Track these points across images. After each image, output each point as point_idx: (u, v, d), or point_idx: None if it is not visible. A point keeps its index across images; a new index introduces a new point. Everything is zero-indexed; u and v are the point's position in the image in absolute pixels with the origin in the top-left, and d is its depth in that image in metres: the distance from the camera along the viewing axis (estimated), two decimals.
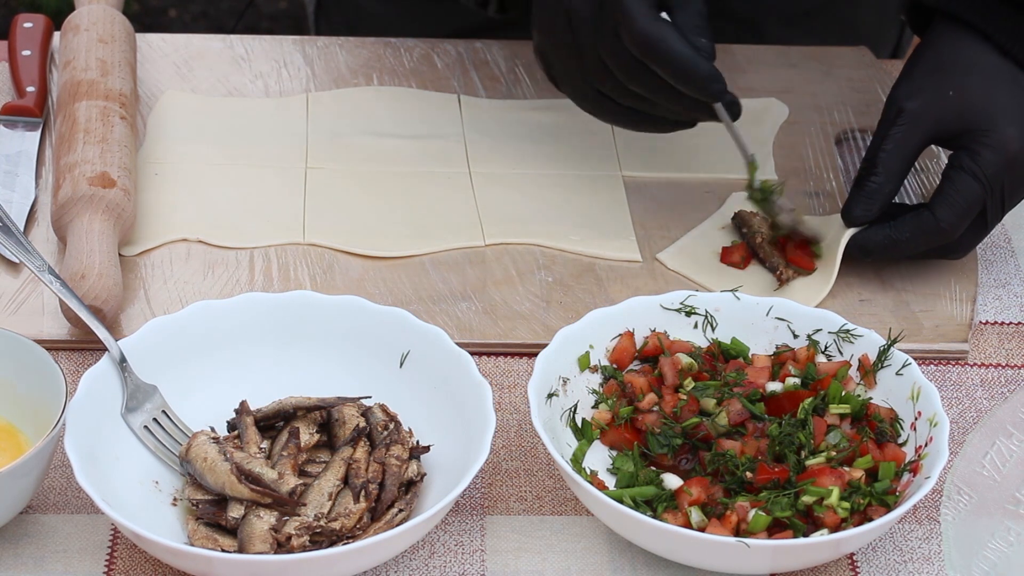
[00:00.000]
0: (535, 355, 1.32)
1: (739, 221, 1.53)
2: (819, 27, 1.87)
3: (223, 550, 1.21)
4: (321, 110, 1.67)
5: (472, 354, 1.31)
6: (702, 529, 1.23)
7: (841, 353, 1.36)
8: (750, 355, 1.36)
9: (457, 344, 1.32)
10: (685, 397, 1.31)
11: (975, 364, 1.44)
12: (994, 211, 1.44)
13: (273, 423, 1.30)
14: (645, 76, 1.41)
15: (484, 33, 1.74)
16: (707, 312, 1.38)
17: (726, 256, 1.50)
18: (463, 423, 1.28)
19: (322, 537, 1.22)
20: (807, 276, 1.48)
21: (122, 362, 1.29)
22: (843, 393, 1.32)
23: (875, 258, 1.47)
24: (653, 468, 1.29)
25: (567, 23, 1.44)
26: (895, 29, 1.95)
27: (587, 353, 1.35)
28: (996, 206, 1.44)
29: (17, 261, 1.45)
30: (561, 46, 1.46)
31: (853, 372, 1.34)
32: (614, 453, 1.32)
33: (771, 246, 1.50)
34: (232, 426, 1.31)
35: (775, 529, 1.23)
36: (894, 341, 1.34)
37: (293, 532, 1.21)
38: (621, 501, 1.24)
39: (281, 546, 1.21)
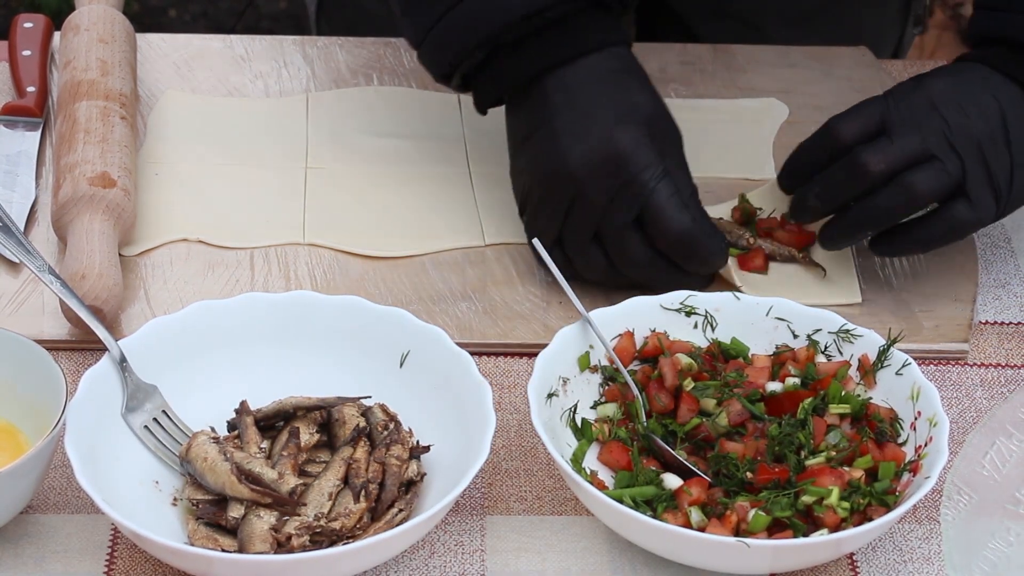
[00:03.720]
0: (535, 355, 1.32)
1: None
2: (820, 28, 1.87)
3: (223, 550, 1.21)
4: (321, 110, 1.67)
5: (472, 354, 1.31)
6: (702, 529, 1.23)
7: (841, 353, 1.36)
8: (750, 355, 1.36)
9: (457, 344, 1.32)
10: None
11: (975, 364, 1.44)
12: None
13: (273, 423, 1.30)
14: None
15: None
16: (707, 312, 1.38)
17: (745, 263, 1.50)
18: (463, 423, 1.28)
19: (322, 537, 1.22)
20: (824, 274, 1.48)
21: (122, 362, 1.29)
22: (843, 393, 1.32)
23: (787, 179, 1.47)
24: (653, 468, 1.29)
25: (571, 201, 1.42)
26: (896, 30, 1.95)
27: (587, 353, 1.35)
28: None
29: (17, 261, 1.45)
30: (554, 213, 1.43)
31: (853, 372, 1.34)
32: None
33: (769, 242, 1.50)
34: (232, 426, 1.31)
35: (775, 529, 1.23)
36: (894, 341, 1.34)
37: (293, 532, 1.21)
38: (621, 501, 1.24)
39: (281, 546, 1.21)
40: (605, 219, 1.40)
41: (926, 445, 1.27)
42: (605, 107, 1.41)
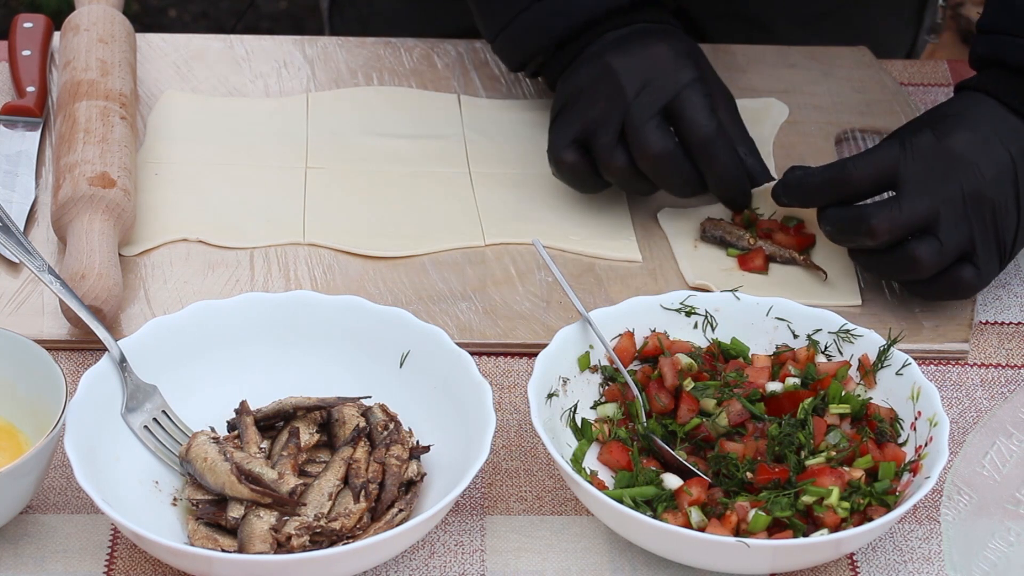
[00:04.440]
0: (535, 355, 1.32)
1: (718, 235, 1.52)
2: (831, 31, 1.86)
3: (223, 550, 1.21)
4: (321, 110, 1.67)
5: (472, 354, 1.31)
6: (702, 529, 1.23)
7: (841, 353, 1.36)
8: (750, 355, 1.36)
9: (457, 344, 1.32)
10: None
11: (975, 364, 1.44)
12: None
13: (273, 423, 1.30)
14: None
15: None
16: (707, 312, 1.38)
17: (746, 264, 1.50)
18: (463, 423, 1.28)
19: (322, 537, 1.22)
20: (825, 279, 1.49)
21: (122, 362, 1.29)
22: (843, 393, 1.32)
23: (788, 200, 1.46)
24: (653, 468, 1.29)
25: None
26: (909, 35, 1.94)
27: (587, 353, 1.35)
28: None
29: (17, 261, 1.45)
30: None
31: (853, 372, 1.34)
32: None
33: (769, 243, 1.50)
34: (232, 426, 1.31)
35: (775, 529, 1.23)
36: (894, 341, 1.34)
37: (293, 532, 1.21)
38: (621, 501, 1.24)
39: (281, 546, 1.21)
40: (631, 110, 1.46)
41: (926, 445, 1.27)
42: (649, 36, 1.50)
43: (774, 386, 1.32)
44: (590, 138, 1.49)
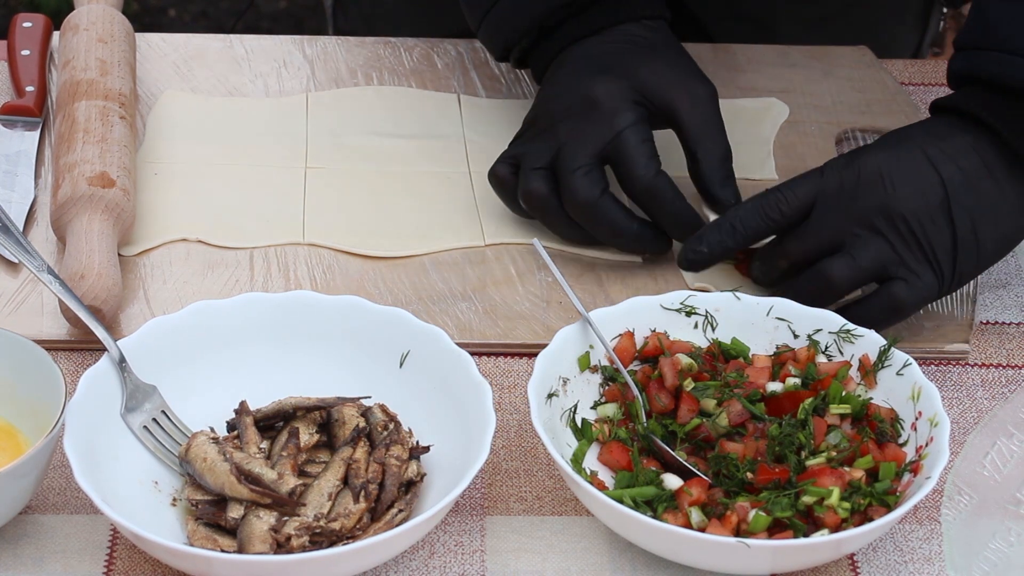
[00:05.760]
0: (535, 355, 1.32)
1: None
2: (835, 32, 1.86)
3: (223, 550, 1.21)
4: (321, 110, 1.67)
5: (472, 354, 1.31)
6: (702, 529, 1.23)
7: (841, 353, 1.36)
8: (750, 355, 1.36)
9: (457, 344, 1.32)
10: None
11: (976, 364, 1.44)
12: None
13: (273, 423, 1.30)
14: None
15: None
16: (707, 312, 1.38)
17: (746, 270, 1.49)
18: (463, 423, 1.28)
19: (322, 537, 1.22)
20: None
21: (121, 362, 1.29)
22: (843, 393, 1.31)
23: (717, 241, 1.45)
24: (653, 468, 1.29)
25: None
26: (914, 37, 1.94)
27: (587, 353, 1.35)
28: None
29: (16, 261, 1.45)
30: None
31: (853, 372, 1.34)
32: None
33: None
34: (232, 426, 1.30)
35: (775, 529, 1.23)
36: (894, 341, 1.34)
37: (293, 532, 1.21)
38: (621, 501, 1.24)
39: (281, 546, 1.21)
40: (560, 154, 1.45)
41: (927, 445, 1.27)
42: (599, 63, 1.49)
43: (774, 386, 1.32)
44: (520, 163, 1.49)
